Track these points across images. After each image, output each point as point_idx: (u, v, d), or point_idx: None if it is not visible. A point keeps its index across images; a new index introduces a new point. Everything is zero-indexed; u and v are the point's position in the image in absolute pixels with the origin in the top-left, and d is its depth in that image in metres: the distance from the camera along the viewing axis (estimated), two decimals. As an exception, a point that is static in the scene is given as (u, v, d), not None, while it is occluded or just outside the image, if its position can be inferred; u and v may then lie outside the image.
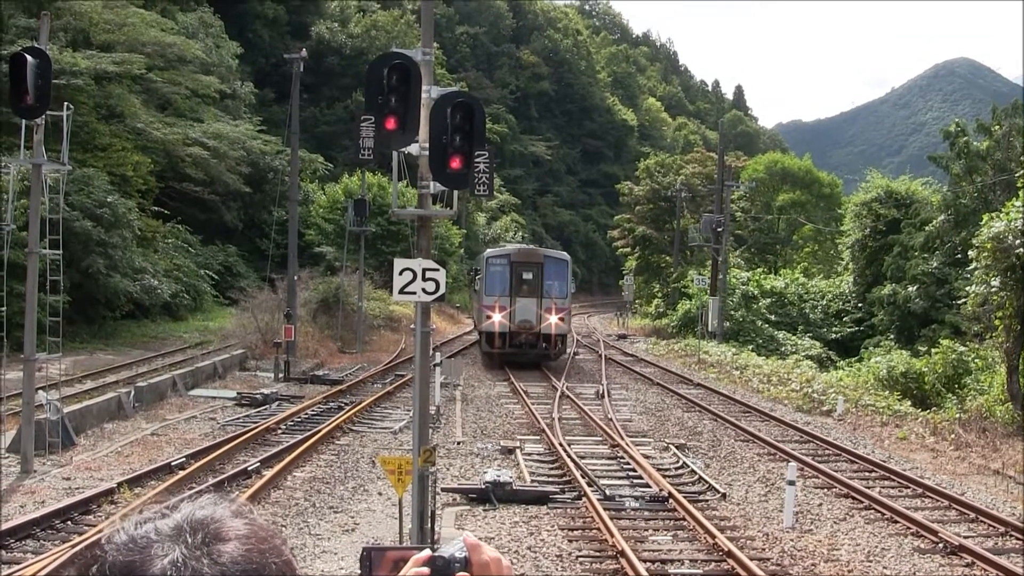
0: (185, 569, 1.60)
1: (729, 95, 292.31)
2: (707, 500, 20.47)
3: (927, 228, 55.55)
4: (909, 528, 18.33)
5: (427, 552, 2.01)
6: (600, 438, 26.85)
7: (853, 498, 20.79)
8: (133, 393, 29.62)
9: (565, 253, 51.29)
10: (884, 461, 24.98)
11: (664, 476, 21.82)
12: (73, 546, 15.01)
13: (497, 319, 43.70)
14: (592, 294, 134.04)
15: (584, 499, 19.61)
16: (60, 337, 23.71)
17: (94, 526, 16.59)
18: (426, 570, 1.97)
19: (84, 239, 42.19)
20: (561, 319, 44.36)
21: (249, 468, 21.57)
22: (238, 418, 29.03)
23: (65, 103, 22.92)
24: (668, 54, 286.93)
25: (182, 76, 64.34)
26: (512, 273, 44.09)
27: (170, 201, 62.68)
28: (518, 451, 24.44)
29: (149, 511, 1.74)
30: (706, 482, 21.96)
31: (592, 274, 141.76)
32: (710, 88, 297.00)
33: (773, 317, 65.09)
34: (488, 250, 50.61)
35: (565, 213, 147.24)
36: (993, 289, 31.16)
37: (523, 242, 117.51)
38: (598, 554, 16.25)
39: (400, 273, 13.32)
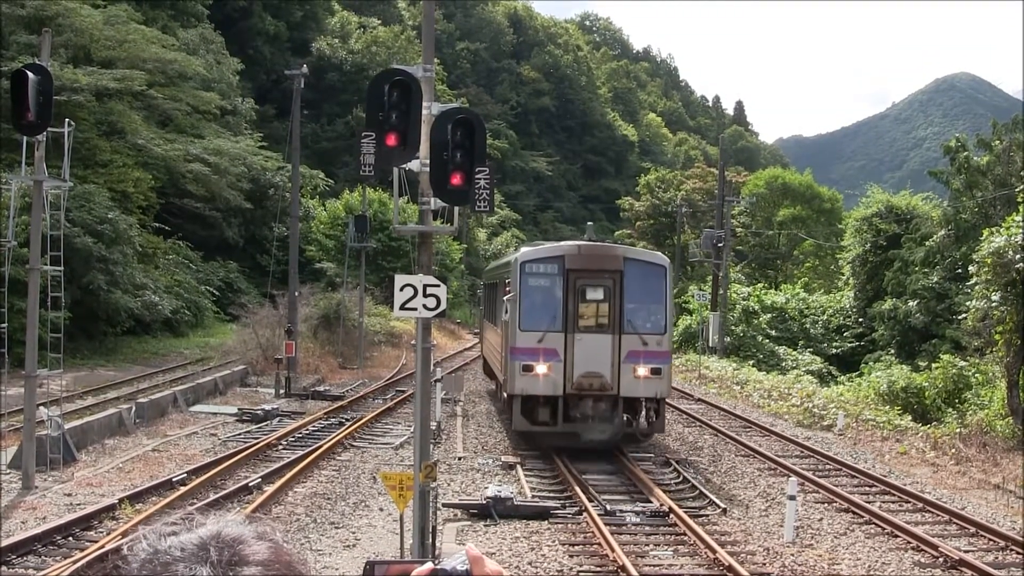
0: None
1: (730, 110, 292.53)
2: (708, 515, 20.47)
3: (928, 243, 55.56)
4: (909, 543, 18.32)
5: (429, 565, 2.03)
6: (600, 453, 26.86)
7: (854, 513, 20.78)
8: (134, 409, 29.62)
9: (659, 254, 29.48)
10: (884, 476, 24.97)
11: (665, 491, 21.81)
12: (75, 562, 15.01)
13: (541, 372, 25.07)
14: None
15: (585, 514, 19.62)
16: (61, 353, 23.71)
17: (95, 542, 16.58)
18: None
19: (85, 255, 42.22)
20: (656, 371, 25.37)
21: (250, 484, 21.57)
22: (239, 434, 29.03)
23: (66, 119, 22.99)
24: (668, 69, 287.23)
25: (183, 92, 64.45)
26: (569, 289, 25.54)
27: (171, 217, 62.74)
28: (519, 467, 24.43)
29: (172, 522, 1.76)
30: (707, 497, 21.96)
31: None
32: (710, 103, 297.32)
33: (774, 332, 65.05)
34: (523, 250, 28.15)
35: (566, 229, 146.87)
36: (993, 304, 31.18)
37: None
38: (599, 569, 16.25)
39: (401, 289, 13.34)
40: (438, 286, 13.40)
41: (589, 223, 41.61)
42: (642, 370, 25.22)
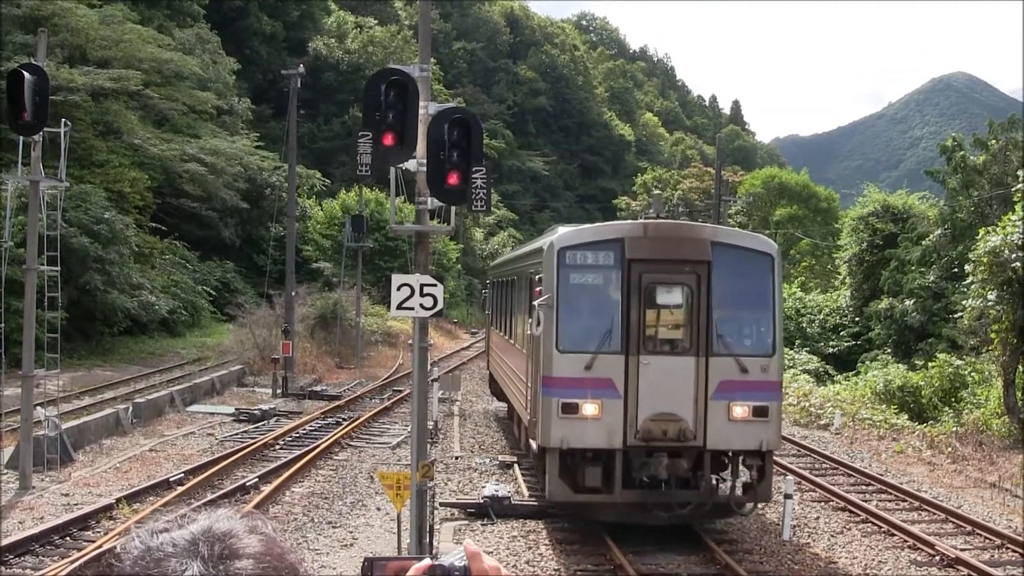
0: None
1: (726, 110, 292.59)
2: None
3: (924, 242, 55.54)
4: (906, 541, 18.37)
5: (427, 561, 2.05)
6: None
7: (850, 511, 20.83)
8: (131, 409, 29.62)
9: (764, 237, 20.74)
10: (881, 474, 25.00)
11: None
12: (72, 562, 15.02)
13: (589, 414, 17.53)
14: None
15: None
16: (58, 353, 23.72)
17: (93, 542, 16.61)
18: None
19: (82, 255, 42.20)
20: (761, 411, 17.84)
21: (248, 483, 21.59)
22: (236, 434, 29.05)
23: (62, 119, 23.01)
24: (665, 69, 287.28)
25: (179, 92, 64.40)
26: (630, 289, 18.00)
27: (167, 217, 62.69)
28: (516, 466, 24.45)
29: (165, 520, 1.76)
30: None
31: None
32: (707, 103, 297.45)
33: (770, 331, 64.87)
34: (560, 232, 19.33)
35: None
36: (990, 303, 31.20)
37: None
38: (596, 568, 16.28)
39: (398, 289, 13.36)
40: (435, 285, 13.42)
41: (656, 191, 29.73)
42: (740, 410, 17.40)
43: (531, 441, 19.35)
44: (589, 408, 17.15)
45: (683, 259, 17.74)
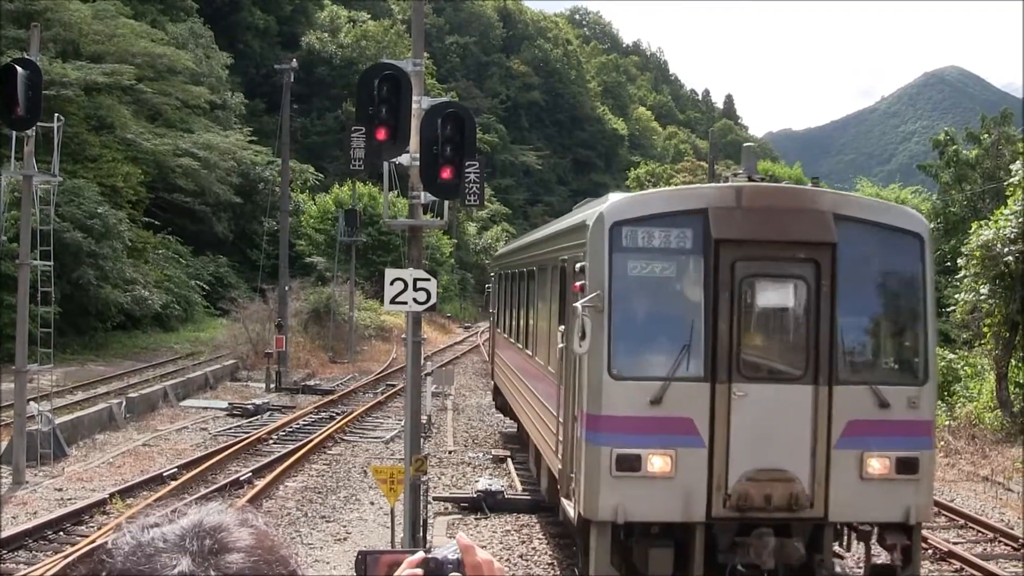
0: None
1: (719, 104, 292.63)
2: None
3: (916, 236, 55.68)
4: (899, 535, 18.36)
5: (421, 554, 2.06)
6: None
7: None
8: (124, 404, 29.62)
9: (909, 210, 14.71)
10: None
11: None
12: (65, 557, 15.02)
13: (657, 470, 12.12)
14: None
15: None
16: (51, 348, 23.70)
17: (86, 536, 16.61)
18: (420, 571, 2.03)
19: (75, 250, 42.16)
20: (908, 465, 12.51)
21: (241, 478, 21.59)
22: (230, 428, 29.05)
23: (55, 114, 22.98)
24: (658, 63, 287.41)
25: (172, 87, 64.32)
26: (717, 286, 12.36)
27: (160, 212, 62.63)
28: (509, 460, 24.45)
29: (156, 515, 1.76)
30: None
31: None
32: (700, 97, 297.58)
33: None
34: (612, 200, 13.11)
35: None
36: (982, 297, 31.23)
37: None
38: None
39: (391, 283, 13.36)
40: (428, 280, 13.42)
41: (747, 144, 22.76)
42: (878, 463, 12.44)
43: (563, 501, 13.69)
44: (656, 462, 11.89)
45: (796, 240, 12.33)
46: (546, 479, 17.61)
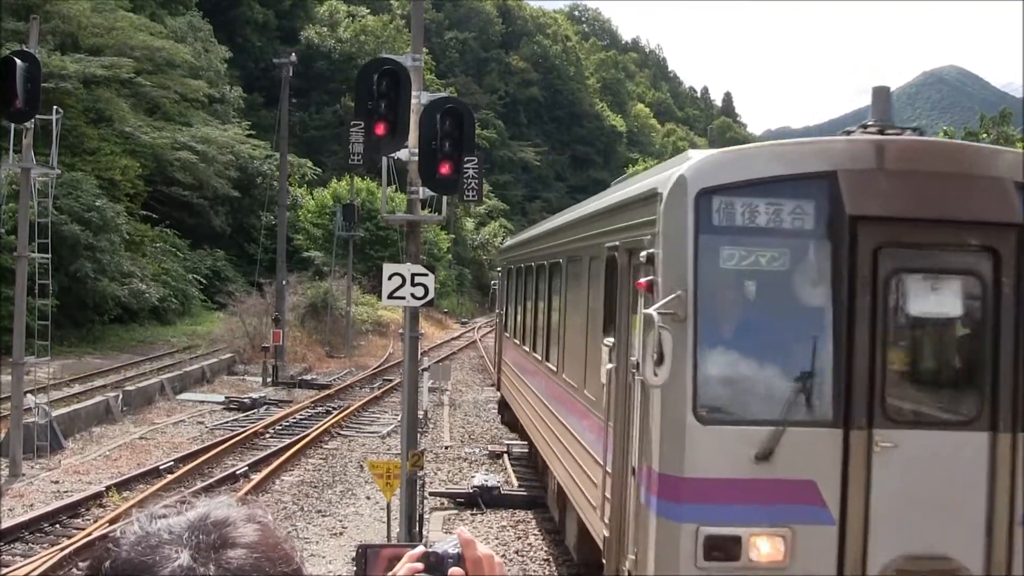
0: (194, 575, 1.62)
1: (718, 101, 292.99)
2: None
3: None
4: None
5: (421, 548, 2.07)
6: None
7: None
8: (121, 397, 29.60)
9: None
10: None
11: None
12: (62, 550, 15.03)
13: (764, 556, 8.12)
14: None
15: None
16: (48, 341, 23.69)
17: (83, 530, 16.61)
18: (420, 565, 2.04)
19: (72, 243, 42.13)
20: None
21: (237, 472, 21.59)
22: (226, 422, 29.03)
23: (54, 107, 22.96)
24: (657, 60, 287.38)
25: (171, 80, 64.23)
26: (854, 282, 8.25)
27: (158, 205, 62.54)
28: (506, 456, 24.46)
29: (164, 505, 1.77)
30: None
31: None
32: (699, 94, 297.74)
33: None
34: (696, 158, 8.71)
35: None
36: None
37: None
38: (586, 559, 16.29)
39: (389, 278, 13.37)
40: (426, 275, 13.43)
41: (877, 85, 10.59)
42: None
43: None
44: (763, 547, 8.21)
45: (966, 219, 8.43)
46: (575, 534, 13.35)
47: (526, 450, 23.43)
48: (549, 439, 15.58)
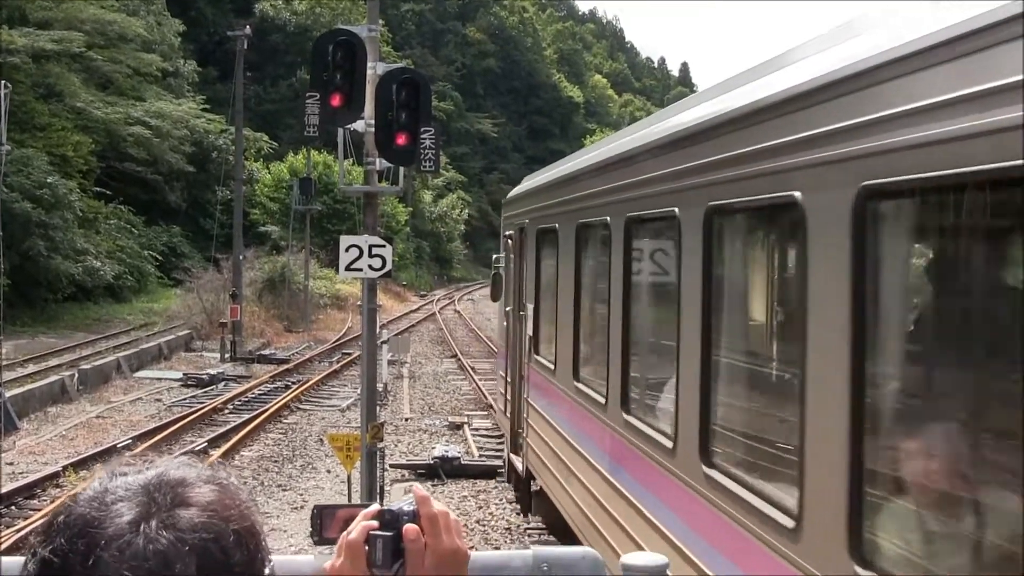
0: (140, 532, 1.59)
1: (675, 72, 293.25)
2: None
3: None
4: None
5: (376, 506, 2.04)
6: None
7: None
8: (77, 376, 29.38)
9: None
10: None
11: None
12: (18, 531, 14.90)
13: None
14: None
15: (532, 473, 19.53)
16: (0, 320, 23.47)
17: (39, 510, 16.48)
18: (375, 523, 2.01)
19: (24, 221, 41.71)
20: None
21: (196, 448, 21.47)
22: (184, 399, 28.88)
23: (2, 82, 22.67)
24: (615, 31, 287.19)
25: (123, 54, 63.60)
26: None
27: (112, 181, 61.96)
28: (466, 427, 24.50)
29: (127, 463, 1.74)
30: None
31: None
32: (656, 65, 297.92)
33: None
34: None
35: (512, 191, 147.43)
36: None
37: (470, 221, 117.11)
38: (545, 527, 16.34)
39: (347, 250, 13.28)
40: (384, 246, 13.35)
41: None
42: None
43: None
44: None
45: None
46: None
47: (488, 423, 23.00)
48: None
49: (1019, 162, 3.43)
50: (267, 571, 1.74)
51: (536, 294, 13.77)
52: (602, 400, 9.56)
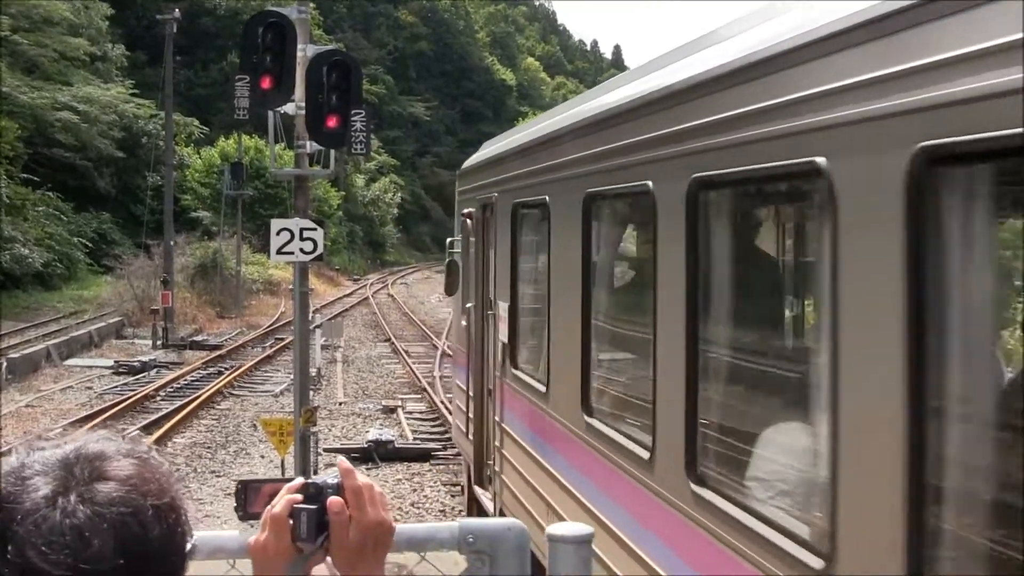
0: (56, 506, 1.59)
1: (608, 55, 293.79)
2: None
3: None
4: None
5: (300, 480, 2.08)
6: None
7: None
8: (5, 365, 28.99)
9: None
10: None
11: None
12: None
13: None
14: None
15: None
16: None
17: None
18: (299, 496, 2.04)
19: (-51, 207, 41.05)
20: None
21: (128, 436, 21.31)
22: (116, 386, 28.62)
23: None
24: (547, 13, 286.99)
25: (49, 38, 62.65)
26: None
27: (40, 168, 60.97)
28: (400, 410, 24.52)
29: (45, 437, 1.74)
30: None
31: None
32: (588, 48, 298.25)
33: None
34: None
35: (444, 174, 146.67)
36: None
37: (403, 205, 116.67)
38: (481, 509, 16.43)
39: (277, 233, 13.26)
40: (315, 230, 13.35)
41: None
42: None
43: None
44: None
45: None
46: None
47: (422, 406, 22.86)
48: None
49: None
50: (188, 547, 1.75)
51: (512, 289, 10.42)
52: (644, 454, 6.17)
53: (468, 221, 12.97)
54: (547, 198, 8.84)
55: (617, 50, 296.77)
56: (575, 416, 7.73)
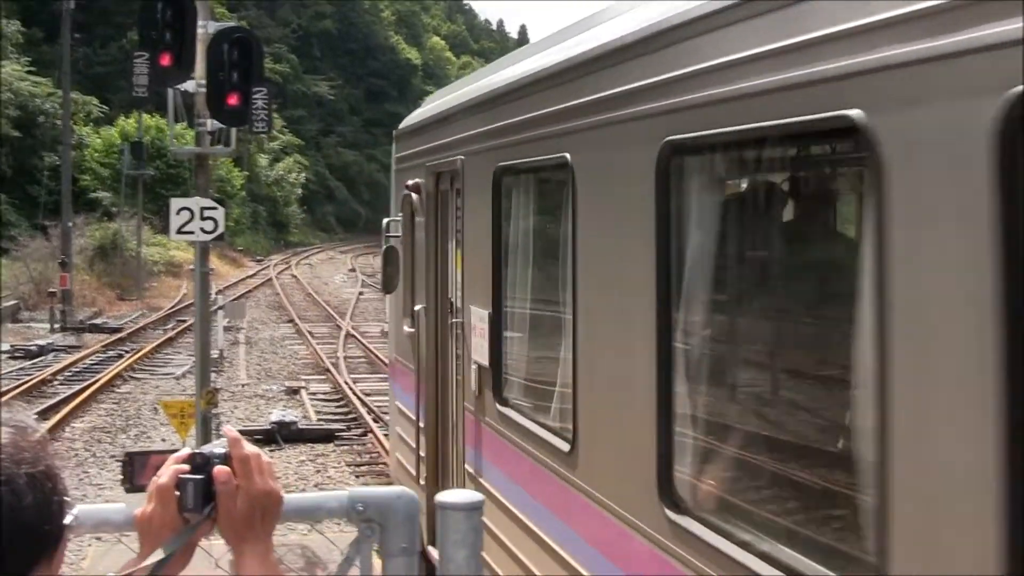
0: None
1: (514, 34, 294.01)
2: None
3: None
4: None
5: (187, 450, 2.06)
6: (387, 375, 27.01)
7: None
8: None
9: None
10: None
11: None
12: None
13: None
14: (379, 235, 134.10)
15: (370, 435, 19.75)
16: None
17: None
18: (185, 467, 2.03)
19: None
20: None
21: (4, 403, 20.93)
22: (11, 371, 28.07)
23: None
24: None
25: (-61, 14, 61.10)
26: None
27: (-70, 147, 59.63)
28: (303, 391, 24.41)
29: None
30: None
31: (377, 215, 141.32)
32: (495, 27, 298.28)
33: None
34: None
35: (349, 154, 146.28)
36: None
37: (307, 185, 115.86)
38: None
39: (178, 212, 13.11)
40: (215, 209, 13.21)
41: None
42: None
43: None
44: None
45: None
46: None
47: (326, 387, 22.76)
48: None
49: None
50: (69, 519, 1.73)
51: (495, 290, 7.50)
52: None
53: (414, 196, 10.05)
54: (568, 156, 5.92)
55: (523, 30, 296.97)
56: (644, 507, 4.83)
